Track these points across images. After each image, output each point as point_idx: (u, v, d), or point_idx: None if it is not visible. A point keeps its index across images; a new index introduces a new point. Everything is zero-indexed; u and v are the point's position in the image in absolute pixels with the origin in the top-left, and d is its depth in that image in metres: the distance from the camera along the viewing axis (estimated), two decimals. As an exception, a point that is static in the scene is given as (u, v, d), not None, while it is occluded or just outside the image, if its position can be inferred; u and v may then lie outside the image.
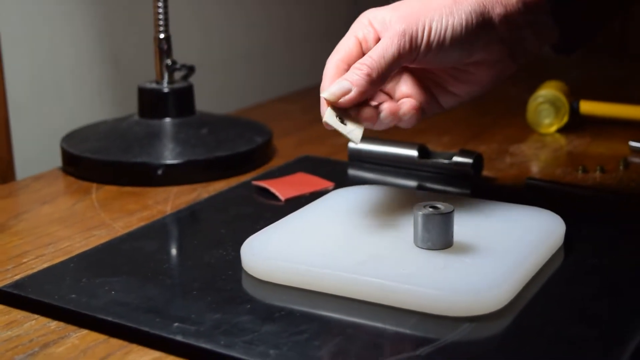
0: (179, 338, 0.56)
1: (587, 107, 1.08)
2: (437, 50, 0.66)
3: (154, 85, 0.96)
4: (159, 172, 0.88)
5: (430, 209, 0.64)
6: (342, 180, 0.86)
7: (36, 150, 1.03)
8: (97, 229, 0.77)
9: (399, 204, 0.73)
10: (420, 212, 0.64)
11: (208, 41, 1.24)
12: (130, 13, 1.11)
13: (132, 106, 1.01)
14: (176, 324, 0.57)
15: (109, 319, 0.59)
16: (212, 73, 1.23)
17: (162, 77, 0.96)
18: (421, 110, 0.71)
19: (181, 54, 0.99)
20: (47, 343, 0.58)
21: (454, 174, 0.87)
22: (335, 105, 0.66)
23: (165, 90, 0.95)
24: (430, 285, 0.59)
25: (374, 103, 0.68)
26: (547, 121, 1.05)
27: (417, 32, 0.66)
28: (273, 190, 0.83)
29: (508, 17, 0.68)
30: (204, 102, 1.04)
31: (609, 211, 0.79)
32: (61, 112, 1.05)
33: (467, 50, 0.68)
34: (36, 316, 0.61)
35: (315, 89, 1.37)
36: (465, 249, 0.64)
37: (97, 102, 1.09)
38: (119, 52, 1.10)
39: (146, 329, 0.57)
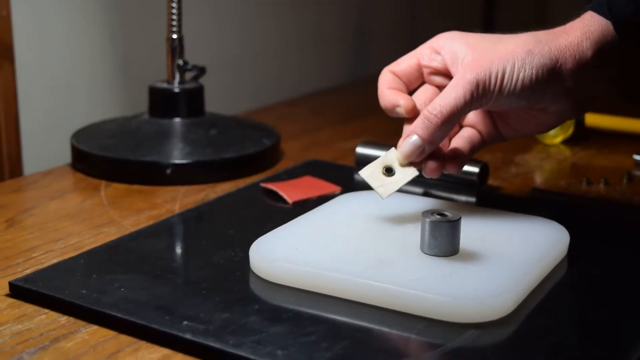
0: (188, 336, 0.57)
1: (593, 119, 1.09)
2: (505, 99, 0.68)
3: (165, 85, 0.97)
4: (168, 171, 0.89)
5: (438, 216, 0.65)
6: (348, 185, 0.86)
7: (45, 146, 1.04)
8: (106, 226, 0.78)
9: (406, 210, 0.74)
10: (428, 219, 0.65)
11: (219, 42, 1.25)
12: (143, 12, 1.12)
13: (141, 105, 1.01)
14: (185, 322, 0.58)
15: (119, 315, 0.59)
16: (222, 74, 1.24)
17: (173, 77, 0.97)
18: (482, 142, 0.74)
19: (192, 54, 1.00)
20: (58, 337, 0.58)
21: (459, 182, 0.88)
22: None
23: (176, 90, 0.96)
24: (437, 291, 0.59)
25: None
26: (552, 132, 1.06)
27: (489, 82, 0.67)
28: (281, 192, 0.84)
29: (579, 73, 0.68)
30: (213, 103, 1.05)
31: (612, 223, 0.79)
32: (71, 109, 1.06)
33: (534, 101, 0.69)
34: (46, 311, 0.62)
35: (324, 93, 1.38)
36: (471, 257, 0.65)
37: (107, 101, 1.10)
38: (130, 51, 1.11)
39: (156, 326, 0.58)
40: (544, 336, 0.58)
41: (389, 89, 0.72)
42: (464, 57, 0.69)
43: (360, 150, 0.94)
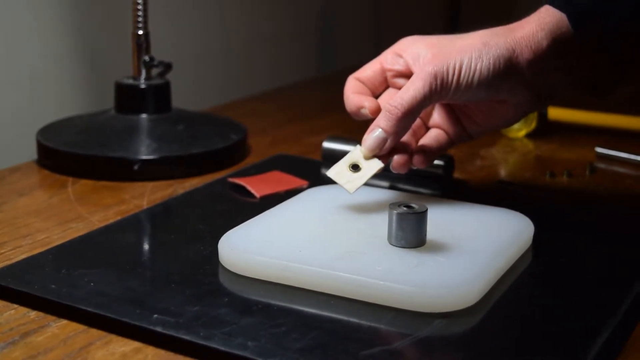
0: (158, 329, 0.57)
1: (556, 113, 1.11)
2: (464, 91, 0.70)
3: (131, 81, 0.97)
4: (135, 167, 0.89)
5: (405, 208, 0.66)
6: (316, 179, 0.87)
7: (12, 143, 1.03)
8: (74, 221, 0.78)
9: (373, 203, 0.75)
10: (395, 211, 0.66)
11: (186, 38, 1.25)
12: (108, 8, 1.11)
13: (108, 102, 1.01)
14: (156, 316, 0.59)
15: (89, 309, 0.60)
16: (190, 70, 1.24)
17: (139, 73, 0.97)
18: (449, 141, 0.76)
19: (158, 50, 1.00)
20: (27, 332, 0.59)
21: (425, 175, 0.89)
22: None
23: (143, 86, 0.96)
24: (405, 282, 0.60)
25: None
26: (516, 126, 1.07)
27: (447, 74, 0.69)
28: (248, 187, 0.84)
29: (536, 63, 0.70)
30: (180, 99, 1.05)
31: (575, 214, 0.81)
32: (38, 106, 1.06)
33: (494, 91, 0.71)
34: (15, 306, 0.62)
35: (291, 88, 1.39)
36: (438, 248, 0.66)
37: (73, 97, 1.10)
38: (96, 47, 1.11)
39: (126, 319, 0.58)
40: (510, 324, 0.60)
41: (353, 93, 0.75)
42: (425, 56, 0.72)
43: (327, 145, 0.94)
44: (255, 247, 0.66)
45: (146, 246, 0.74)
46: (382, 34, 1.70)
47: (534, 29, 0.70)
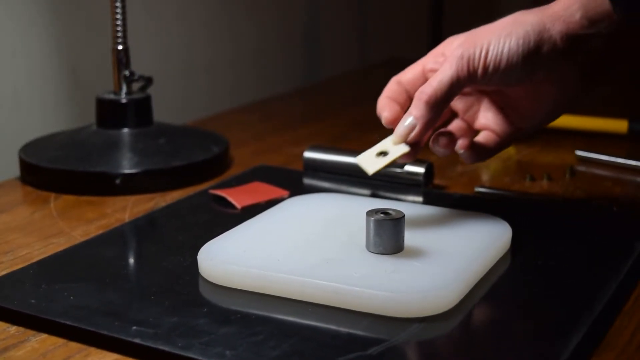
0: (137, 340, 0.57)
1: (536, 117, 1.11)
2: (495, 71, 0.69)
3: (112, 96, 0.97)
4: (117, 181, 0.89)
5: (382, 215, 0.67)
6: (297, 189, 0.87)
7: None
8: (55, 237, 0.78)
9: (352, 210, 0.75)
10: (372, 218, 0.66)
11: (167, 52, 1.26)
12: (88, 24, 1.12)
13: (89, 117, 1.02)
14: (134, 327, 0.59)
15: (68, 322, 0.60)
16: (170, 84, 1.24)
17: (120, 88, 0.97)
18: (499, 142, 0.75)
19: (139, 65, 1.01)
20: (7, 347, 0.59)
21: (406, 183, 0.89)
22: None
23: (124, 100, 0.96)
24: (381, 287, 0.61)
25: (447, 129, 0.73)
26: (497, 131, 1.08)
27: (474, 54, 0.68)
28: (229, 198, 0.85)
29: (570, 33, 0.69)
30: (161, 113, 1.06)
31: (553, 217, 0.81)
32: (19, 123, 1.06)
33: (529, 68, 0.69)
34: (-5, 321, 0.62)
35: (272, 100, 1.39)
36: (415, 253, 0.66)
37: (54, 113, 1.10)
38: (76, 63, 1.11)
39: (105, 332, 0.59)
40: (487, 326, 0.60)
41: (387, 97, 0.74)
42: (457, 45, 0.71)
43: (308, 154, 0.95)
44: (233, 257, 0.66)
45: (127, 259, 0.74)
46: (367, 46, 1.70)
47: (567, 2, 0.69)
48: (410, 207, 0.79)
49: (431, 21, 1.80)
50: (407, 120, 0.69)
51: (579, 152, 1.02)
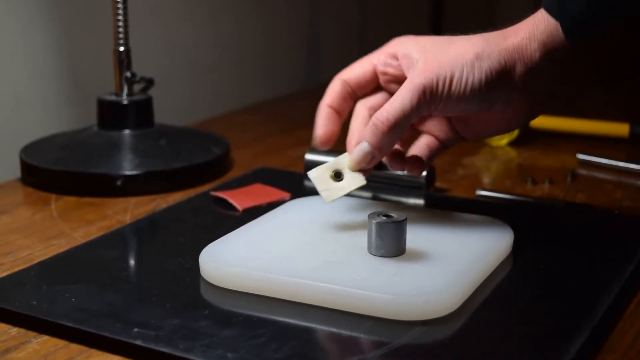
0: (138, 342, 0.57)
1: (537, 121, 1.11)
2: (455, 104, 0.68)
3: (113, 97, 0.97)
4: (118, 182, 0.89)
5: (384, 217, 0.66)
6: (298, 191, 0.87)
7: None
8: (56, 238, 0.78)
9: (354, 213, 0.75)
10: (374, 220, 0.66)
11: (170, 53, 1.26)
12: (89, 25, 1.12)
13: (91, 118, 1.02)
14: (136, 329, 0.59)
15: (70, 324, 0.60)
16: (171, 85, 1.24)
17: (121, 90, 0.97)
18: (442, 146, 0.75)
19: (143, 66, 1.01)
20: (8, 349, 0.59)
21: (407, 185, 0.89)
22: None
23: (125, 102, 0.96)
24: (383, 290, 0.61)
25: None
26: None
27: (436, 87, 0.67)
28: (231, 200, 0.85)
29: (530, 72, 0.68)
30: (164, 114, 1.06)
31: (555, 220, 0.81)
32: (20, 124, 1.06)
33: (487, 103, 0.69)
34: (-3, 323, 0.62)
35: (274, 102, 1.39)
36: (417, 256, 0.66)
37: (55, 114, 1.10)
38: (77, 64, 1.11)
39: (106, 333, 0.59)
40: (489, 330, 0.60)
41: (328, 106, 0.73)
42: (417, 61, 0.69)
43: (309, 157, 0.95)
44: (235, 260, 0.66)
45: (128, 261, 0.74)
46: (368, 48, 1.70)
47: (526, 38, 0.68)
48: (412, 210, 0.79)
49: (431, 22, 1.80)
50: (363, 147, 0.69)
51: (580, 156, 1.02)
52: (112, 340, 0.58)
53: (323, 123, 0.73)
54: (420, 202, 0.87)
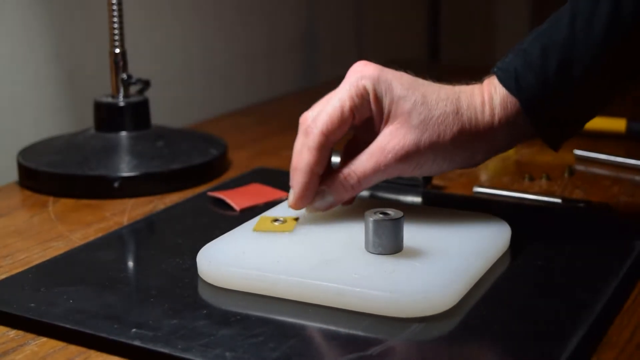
0: (136, 343, 0.57)
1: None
2: (420, 174, 0.73)
3: (109, 100, 0.97)
4: (116, 184, 0.89)
5: (381, 215, 0.66)
6: (296, 191, 0.87)
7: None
8: (54, 240, 0.78)
9: (351, 211, 0.75)
10: (371, 218, 0.66)
11: (166, 55, 1.26)
12: (85, 27, 1.12)
13: (87, 121, 1.02)
14: (134, 330, 0.59)
15: (68, 326, 0.60)
16: (168, 87, 1.24)
17: (117, 92, 0.97)
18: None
19: (137, 68, 1.01)
20: (7, 351, 0.59)
21: (405, 183, 0.89)
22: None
23: (121, 104, 0.96)
24: (381, 288, 0.61)
25: None
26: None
27: (408, 168, 0.71)
28: (228, 200, 0.85)
29: (493, 153, 0.74)
30: (159, 116, 1.06)
31: (552, 216, 0.81)
32: (17, 127, 1.06)
33: (450, 168, 0.73)
34: (-5, 325, 0.62)
35: (270, 103, 1.39)
36: (414, 253, 0.66)
37: (52, 117, 1.10)
38: (74, 67, 1.11)
39: (104, 334, 0.59)
40: (487, 326, 0.60)
41: (314, 172, 0.72)
42: (399, 123, 0.70)
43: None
44: (232, 259, 0.66)
45: (126, 262, 0.74)
46: (365, 49, 1.70)
47: (496, 124, 0.71)
48: (409, 207, 0.79)
49: (429, 24, 1.81)
50: (328, 200, 0.72)
51: (578, 152, 1.02)
52: (111, 341, 0.58)
53: (305, 192, 0.72)
54: (417, 199, 0.87)
